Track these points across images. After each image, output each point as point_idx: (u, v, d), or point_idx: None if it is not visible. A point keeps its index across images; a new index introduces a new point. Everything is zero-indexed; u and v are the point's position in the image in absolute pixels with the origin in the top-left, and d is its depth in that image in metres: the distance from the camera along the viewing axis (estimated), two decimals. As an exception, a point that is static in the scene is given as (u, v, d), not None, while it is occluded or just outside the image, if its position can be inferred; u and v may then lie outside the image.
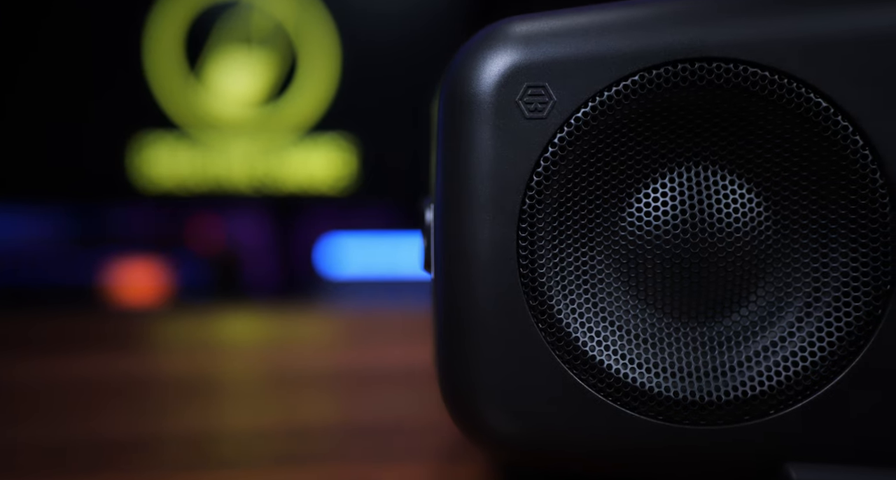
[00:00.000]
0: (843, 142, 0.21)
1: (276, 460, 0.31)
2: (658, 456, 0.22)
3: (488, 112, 0.21)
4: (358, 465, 0.29)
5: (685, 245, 0.22)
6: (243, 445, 0.33)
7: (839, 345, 0.21)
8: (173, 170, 1.98)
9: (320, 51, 1.96)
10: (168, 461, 0.31)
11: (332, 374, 0.53)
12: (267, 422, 0.38)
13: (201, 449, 0.32)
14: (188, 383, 0.50)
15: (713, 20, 0.21)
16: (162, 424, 0.38)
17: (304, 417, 0.39)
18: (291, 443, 0.33)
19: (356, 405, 0.42)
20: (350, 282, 1.98)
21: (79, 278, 1.94)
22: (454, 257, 0.21)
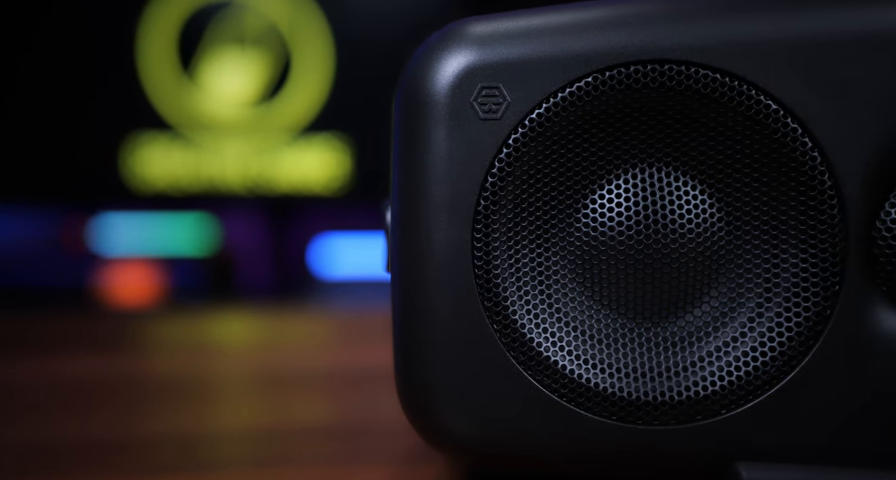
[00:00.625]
0: (792, 144, 0.21)
1: (242, 462, 0.31)
2: (612, 456, 0.22)
3: (443, 113, 0.21)
4: (325, 467, 0.29)
5: (639, 246, 0.22)
6: (220, 446, 0.33)
7: (789, 345, 0.21)
8: (167, 170, 1.98)
9: (314, 51, 1.96)
10: (160, 462, 0.31)
11: (322, 375, 0.53)
12: (250, 424, 0.38)
13: (191, 450, 0.32)
14: (181, 384, 0.50)
15: (666, 22, 0.21)
16: (154, 425, 0.38)
17: (287, 418, 0.39)
18: (263, 445, 0.33)
19: (341, 406, 0.42)
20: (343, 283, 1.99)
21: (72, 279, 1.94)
22: (410, 258, 0.22)
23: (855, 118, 0.21)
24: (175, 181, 1.99)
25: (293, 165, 1.99)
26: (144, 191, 1.98)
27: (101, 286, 1.98)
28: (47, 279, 1.93)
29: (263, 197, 2.01)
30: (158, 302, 1.95)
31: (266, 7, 1.96)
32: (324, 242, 2.03)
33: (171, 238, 2.04)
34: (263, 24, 1.97)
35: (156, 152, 1.98)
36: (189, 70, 1.96)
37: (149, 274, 2.02)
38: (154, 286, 2.01)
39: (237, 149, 1.98)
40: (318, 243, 2.04)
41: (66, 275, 1.95)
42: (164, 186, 1.99)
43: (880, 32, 0.21)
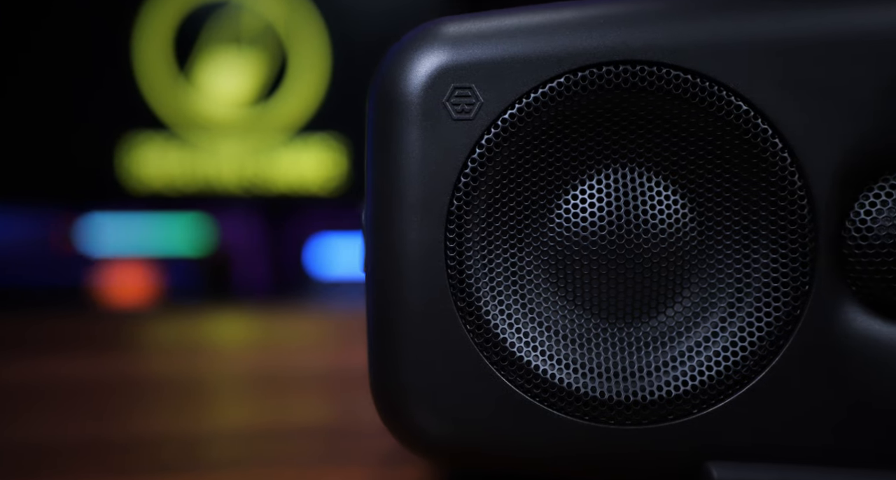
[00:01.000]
0: (763, 144, 0.21)
1: (238, 462, 0.31)
2: (585, 456, 0.22)
3: (416, 113, 0.21)
4: (298, 469, 0.29)
5: (612, 246, 0.22)
6: (217, 447, 0.33)
7: (760, 345, 0.21)
8: (163, 170, 1.98)
9: (310, 51, 1.96)
10: (157, 462, 0.31)
11: (318, 375, 0.53)
12: (246, 424, 0.38)
13: (188, 451, 0.33)
14: (177, 384, 0.50)
15: (637, 23, 0.21)
16: (151, 425, 0.38)
17: (282, 419, 0.39)
18: (259, 446, 0.33)
19: (338, 407, 0.42)
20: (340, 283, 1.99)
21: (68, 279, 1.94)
22: (383, 258, 0.22)
23: (825, 119, 0.21)
24: (171, 181, 1.99)
25: (289, 165, 1.99)
26: (140, 191, 1.98)
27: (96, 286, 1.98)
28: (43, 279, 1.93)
29: (259, 197, 2.01)
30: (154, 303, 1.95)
31: (262, 7, 1.96)
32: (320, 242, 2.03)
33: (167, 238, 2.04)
34: (260, 23, 1.97)
35: (151, 152, 1.97)
36: (185, 70, 1.96)
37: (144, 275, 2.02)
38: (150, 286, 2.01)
39: (233, 149, 1.98)
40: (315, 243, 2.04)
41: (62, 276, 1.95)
42: (159, 186, 1.99)
43: (850, 34, 0.21)
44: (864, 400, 0.21)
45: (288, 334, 0.82)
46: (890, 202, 0.21)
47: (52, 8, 1.89)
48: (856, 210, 0.21)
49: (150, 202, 2.01)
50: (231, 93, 1.97)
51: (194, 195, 2.02)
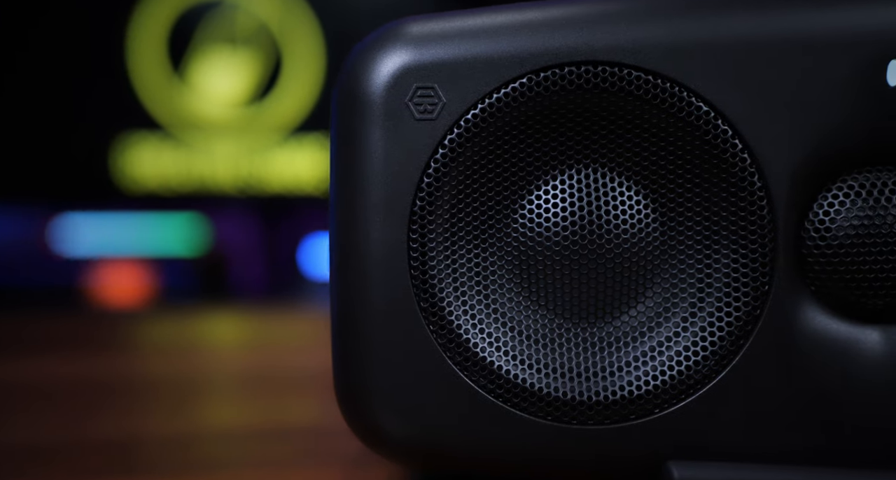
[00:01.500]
0: (723, 145, 0.21)
1: (233, 463, 0.31)
2: (547, 456, 0.22)
3: (378, 113, 0.21)
4: (266, 470, 0.29)
5: (574, 246, 0.22)
6: (212, 447, 0.33)
7: (721, 345, 0.21)
8: (157, 170, 1.98)
9: (305, 50, 1.96)
10: (153, 462, 0.31)
11: (313, 375, 0.53)
12: (241, 425, 0.38)
13: (183, 451, 0.33)
14: (172, 385, 0.50)
15: (599, 24, 0.21)
16: (147, 425, 0.38)
17: (278, 420, 0.39)
18: (254, 446, 0.33)
19: (333, 407, 0.42)
20: (334, 283, 1.98)
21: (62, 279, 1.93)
22: (347, 258, 0.22)
23: (784, 120, 0.21)
24: (166, 181, 1.99)
25: (284, 165, 1.99)
26: (135, 191, 1.98)
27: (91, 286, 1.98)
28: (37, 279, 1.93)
29: (254, 197, 2.01)
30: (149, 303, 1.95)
31: (257, 7, 1.96)
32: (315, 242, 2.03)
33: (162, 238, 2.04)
34: (254, 23, 1.97)
35: (146, 152, 1.97)
36: (180, 70, 1.96)
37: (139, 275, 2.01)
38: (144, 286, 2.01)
39: (228, 149, 1.98)
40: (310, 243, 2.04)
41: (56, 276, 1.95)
42: (154, 186, 1.99)
43: (809, 36, 0.21)
44: (822, 398, 0.21)
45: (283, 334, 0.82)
46: (848, 202, 0.21)
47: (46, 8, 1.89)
48: (814, 210, 0.22)
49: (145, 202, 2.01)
50: (226, 93, 1.97)
51: (189, 195, 2.02)
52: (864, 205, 0.21)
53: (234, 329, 0.93)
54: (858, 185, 0.21)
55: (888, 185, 0.21)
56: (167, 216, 2.05)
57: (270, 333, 0.83)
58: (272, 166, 2.00)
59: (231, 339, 0.82)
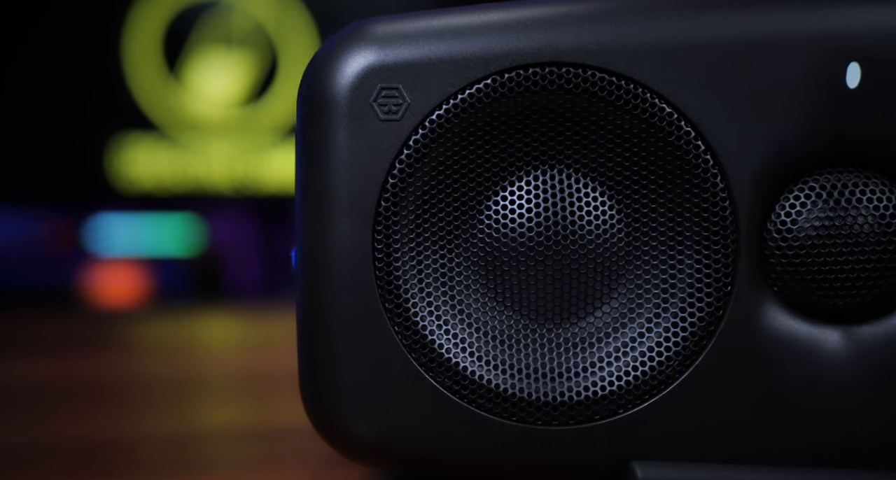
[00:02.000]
0: (686, 147, 0.21)
1: (228, 464, 0.31)
2: (512, 457, 0.22)
3: (342, 113, 0.21)
4: (264, 470, 0.29)
5: (540, 247, 0.22)
6: (207, 448, 0.33)
7: (684, 345, 0.22)
8: (153, 171, 1.98)
9: (300, 51, 1.96)
10: (148, 463, 0.31)
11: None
12: (236, 425, 0.38)
13: (178, 452, 0.33)
14: (168, 385, 0.50)
15: (563, 25, 0.21)
16: (142, 426, 0.38)
17: (271, 420, 0.39)
18: (249, 446, 0.33)
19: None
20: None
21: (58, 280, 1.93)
22: (312, 258, 0.22)
23: (746, 121, 0.21)
24: (161, 181, 1.99)
25: (280, 165, 1.99)
26: (130, 192, 1.98)
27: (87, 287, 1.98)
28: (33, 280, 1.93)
29: (250, 197, 2.01)
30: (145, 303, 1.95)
31: (252, 7, 1.96)
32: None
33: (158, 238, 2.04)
34: (249, 23, 1.97)
35: (142, 153, 1.97)
36: (175, 70, 1.96)
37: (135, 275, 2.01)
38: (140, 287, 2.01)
39: (224, 150, 1.98)
40: (305, 244, 2.03)
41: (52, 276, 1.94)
42: (150, 187, 1.99)
43: (771, 37, 0.21)
44: (783, 398, 0.21)
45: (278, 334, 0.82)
46: (809, 204, 0.22)
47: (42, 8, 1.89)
48: (777, 211, 0.22)
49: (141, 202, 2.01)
50: (221, 94, 1.97)
51: (185, 195, 2.02)
52: (826, 207, 0.21)
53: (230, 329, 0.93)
54: (819, 186, 0.21)
55: (848, 186, 0.21)
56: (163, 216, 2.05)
57: (265, 334, 0.83)
58: (268, 167, 2.00)
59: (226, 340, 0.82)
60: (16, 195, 1.93)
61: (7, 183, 1.90)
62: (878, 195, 0.21)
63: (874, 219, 0.21)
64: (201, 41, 1.97)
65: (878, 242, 0.21)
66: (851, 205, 0.21)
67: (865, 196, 0.21)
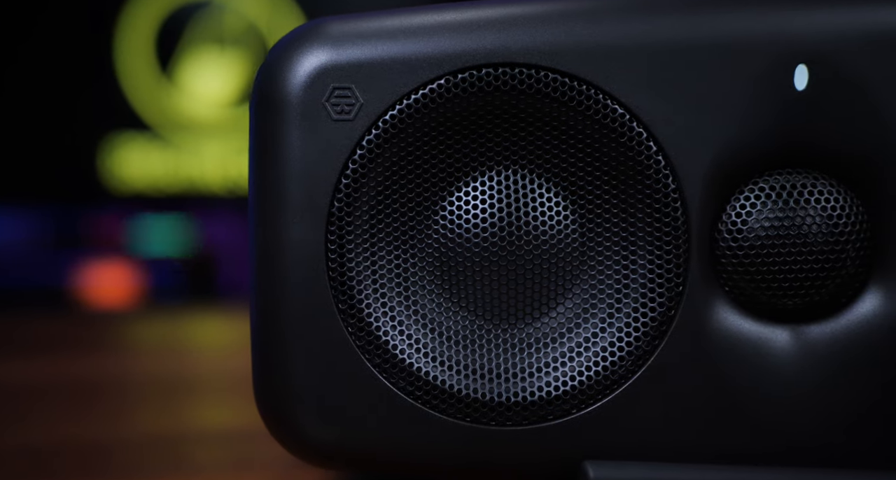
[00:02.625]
0: (638, 147, 0.21)
1: (223, 464, 0.31)
2: (467, 458, 0.22)
3: (295, 113, 0.21)
4: (261, 471, 0.29)
5: (495, 248, 0.22)
6: (203, 448, 0.33)
7: (636, 346, 0.22)
8: (146, 171, 1.98)
9: (294, 52, 1.96)
10: (144, 464, 0.31)
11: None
12: (231, 426, 0.38)
13: (174, 452, 0.32)
14: (162, 386, 0.50)
15: (516, 26, 0.21)
16: (137, 427, 0.38)
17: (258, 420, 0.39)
18: (242, 447, 0.33)
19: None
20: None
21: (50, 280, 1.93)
22: (266, 259, 0.22)
23: (697, 122, 0.21)
24: (154, 182, 1.99)
25: (273, 166, 1.99)
26: (123, 192, 1.98)
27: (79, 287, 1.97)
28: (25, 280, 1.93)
29: (243, 197, 2.00)
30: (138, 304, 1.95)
31: (245, 7, 1.96)
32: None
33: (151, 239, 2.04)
34: (242, 23, 1.97)
35: (134, 153, 1.97)
36: (168, 70, 1.96)
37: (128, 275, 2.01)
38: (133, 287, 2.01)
39: (217, 150, 1.98)
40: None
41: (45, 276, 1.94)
42: (142, 187, 1.99)
43: (720, 39, 0.21)
44: (734, 397, 0.21)
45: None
46: (759, 204, 0.22)
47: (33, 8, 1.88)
48: (728, 212, 0.22)
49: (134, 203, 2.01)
50: (214, 94, 1.97)
51: (177, 196, 2.02)
52: (775, 207, 0.21)
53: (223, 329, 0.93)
54: (769, 187, 0.22)
55: (797, 187, 0.21)
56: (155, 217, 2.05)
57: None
58: (261, 167, 2.00)
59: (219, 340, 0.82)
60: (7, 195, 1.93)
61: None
62: (825, 196, 0.21)
63: (822, 219, 0.21)
64: (194, 41, 1.96)
65: (826, 242, 0.21)
66: (800, 206, 0.21)
67: (814, 196, 0.21)
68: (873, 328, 0.21)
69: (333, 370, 0.22)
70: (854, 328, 0.21)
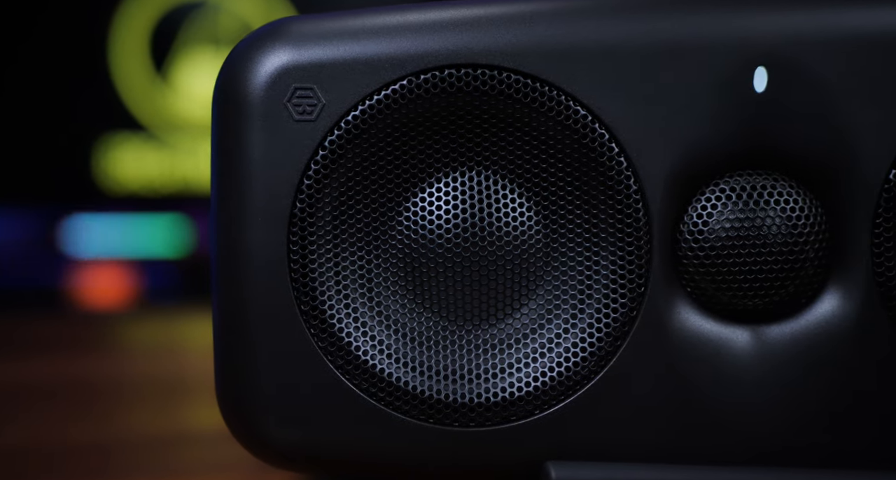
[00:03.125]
0: (600, 149, 0.21)
1: (196, 467, 0.31)
2: (430, 459, 0.22)
3: (256, 113, 0.21)
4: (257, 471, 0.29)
5: (459, 249, 0.22)
6: (199, 449, 0.33)
7: (599, 346, 0.22)
8: (141, 171, 1.98)
9: (289, 53, 1.96)
10: (140, 464, 0.31)
11: None
12: (220, 427, 0.37)
13: (170, 453, 0.32)
14: (158, 386, 0.50)
15: (479, 27, 0.21)
16: (133, 427, 0.38)
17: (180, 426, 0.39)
18: (223, 448, 0.33)
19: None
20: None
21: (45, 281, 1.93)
22: (227, 260, 0.22)
23: (658, 124, 0.21)
24: (149, 182, 1.99)
25: (268, 167, 1.99)
26: (118, 193, 1.98)
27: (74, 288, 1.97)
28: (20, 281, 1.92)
29: (238, 198, 2.00)
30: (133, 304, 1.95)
31: (240, 7, 1.96)
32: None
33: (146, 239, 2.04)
34: (237, 24, 1.97)
35: (129, 153, 1.97)
36: (162, 71, 1.96)
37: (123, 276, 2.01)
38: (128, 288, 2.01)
39: (211, 151, 1.98)
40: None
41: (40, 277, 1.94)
42: (137, 187, 1.98)
43: (682, 41, 0.21)
44: (696, 397, 0.21)
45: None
46: (720, 206, 0.22)
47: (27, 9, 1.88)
48: (689, 213, 0.22)
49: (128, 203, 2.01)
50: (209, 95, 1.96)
51: (172, 196, 2.01)
52: (736, 208, 0.21)
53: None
54: (730, 189, 0.22)
55: (757, 189, 0.22)
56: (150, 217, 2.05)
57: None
58: (256, 167, 2.00)
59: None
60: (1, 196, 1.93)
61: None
62: (785, 197, 0.22)
63: (782, 220, 0.21)
64: (189, 41, 1.96)
65: (786, 243, 0.21)
66: (760, 207, 0.21)
67: (773, 198, 0.21)
68: (832, 328, 0.21)
69: (296, 372, 0.21)
70: (813, 328, 0.22)
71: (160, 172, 1.99)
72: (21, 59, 1.87)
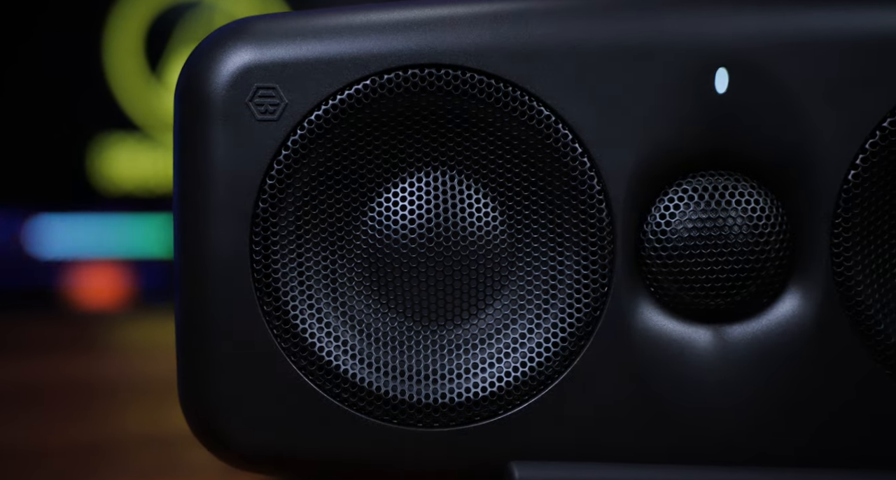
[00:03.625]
0: (564, 149, 0.21)
1: (193, 468, 0.30)
2: (394, 460, 0.22)
3: (218, 113, 0.21)
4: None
5: (423, 249, 0.22)
6: (196, 449, 0.33)
7: (562, 346, 0.22)
8: (135, 171, 1.97)
9: (283, 53, 1.96)
10: (137, 465, 0.31)
11: None
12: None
13: (167, 453, 0.32)
14: (154, 386, 0.50)
15: (442, 27, 0.21)
16: (130, 428, 0.37)
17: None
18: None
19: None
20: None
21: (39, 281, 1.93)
22: (189, 261, 0.22)
23: (621, 124, 0.21)
24: (143, 182, 1.98)
25: (263, 167, 1.99)
26: (112, 193, 1.98)
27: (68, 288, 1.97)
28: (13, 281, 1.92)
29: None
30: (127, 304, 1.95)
31: (234, 7, 1.96)
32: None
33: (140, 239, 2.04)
34: (232, 25, 1.97)
35: (123, 153, 1.97)
36: (157, 71, 1.95)
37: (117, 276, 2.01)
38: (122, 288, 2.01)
39: (206, 151, 1.98)
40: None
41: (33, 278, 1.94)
42: (131, 187, 1.98)
43: (644, 42, 0.21)
44: (659, 397, 0.22)
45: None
46: (682, 206, 0.22)
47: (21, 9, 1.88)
48: (652, 213, 0.22)
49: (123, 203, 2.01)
50: (203, 95, 1.97)
51: (167, 196, 2.01)
52: (698, 209, 0.21)
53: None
54: (692, 189, 0.22)
55: (719, 189, 0.22)
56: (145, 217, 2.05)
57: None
58: (251, 167, 2.00)
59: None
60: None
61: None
62: (747, 198, 0.22)
63: (744, 221, 0.21)
64: (183, 41, 1.96)
65: (748, 244, 0.21)
66: (722, 208, 0.21)
67: (735, 198, 0.21)
68: (792, 327, 0.22)
69: (258, 373, 0.21)
70: (774, 327, 0.22)
71: (155, 172, 1.99)
72: (15, 59, 1.87)
